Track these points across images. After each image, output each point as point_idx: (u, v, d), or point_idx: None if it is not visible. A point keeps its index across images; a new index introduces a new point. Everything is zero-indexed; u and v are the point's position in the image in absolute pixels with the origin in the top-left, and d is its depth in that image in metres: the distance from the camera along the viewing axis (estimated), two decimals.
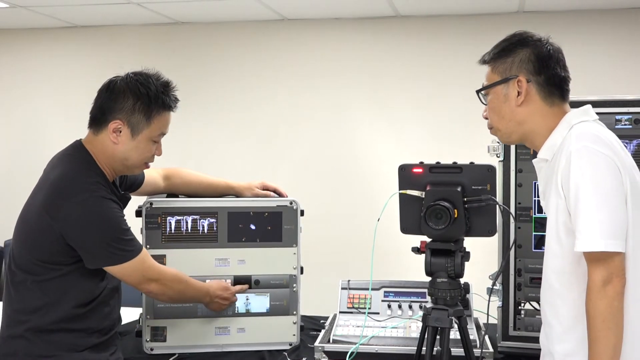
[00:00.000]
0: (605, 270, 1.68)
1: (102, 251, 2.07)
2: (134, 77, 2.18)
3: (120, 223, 2.10)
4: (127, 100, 2.13)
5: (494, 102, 1.93)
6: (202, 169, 2.73)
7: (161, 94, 2.17)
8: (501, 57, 1.91)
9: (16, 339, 2.09)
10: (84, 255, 2.07)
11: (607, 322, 1.67)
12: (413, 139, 4.90)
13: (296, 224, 2.53)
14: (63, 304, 2.09)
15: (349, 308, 2.60)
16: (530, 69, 1.87)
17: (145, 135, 2.16)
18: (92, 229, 2.05)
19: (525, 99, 1.87)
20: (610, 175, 1.71)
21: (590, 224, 1.69)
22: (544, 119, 1.88)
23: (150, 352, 2.46)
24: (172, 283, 2.25)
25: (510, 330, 2.45)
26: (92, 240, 2.06)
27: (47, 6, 4.77)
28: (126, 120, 2.13)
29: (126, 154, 2.16)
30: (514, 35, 1.94)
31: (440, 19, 4.89)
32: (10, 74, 5.58)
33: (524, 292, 2.45)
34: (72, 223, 2.03)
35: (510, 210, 2.42)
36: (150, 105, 2.15)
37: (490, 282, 2.33)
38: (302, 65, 5.13)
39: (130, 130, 2.14)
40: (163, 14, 4.97)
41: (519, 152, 2.45)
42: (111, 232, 2.07)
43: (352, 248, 4.75)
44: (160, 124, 2.19)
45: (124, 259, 2.10)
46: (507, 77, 1.89)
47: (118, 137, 2.14)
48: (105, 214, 2.07)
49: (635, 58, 4.61)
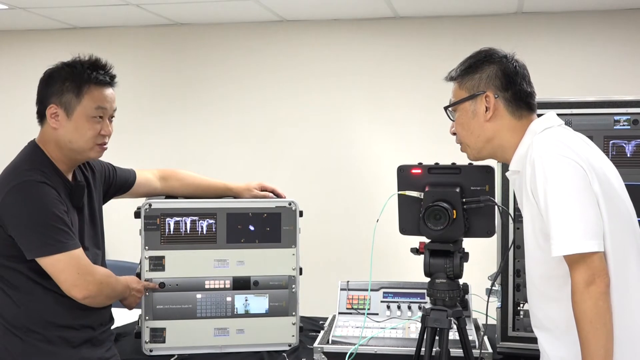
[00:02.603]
0: (586, 271, 1.68)
1: (33, 238, 2.03)
2: (63, 63, 2.21)
3: (53, 209, 2.05)
4: (56, 83, 2.16)
5: (463, 118, 1.96)
6: (200, 170, 2.73)
7: (87, 69, 2.16)
8: (468, 73, 1.94)
9: (7, 335, 2.09)
10: (20, 244, 2.05)
11: (594, 323, 1.67)
12: (412, 139, 4.90)
13: (295, 224, 2.53)
14: (51, 299, 2.10)
15: (348, 309, 2.60)
16: (498, 85, 1.90)
17: (80, 113, 2.14)
18: (24, 212, 2.03)
19: (493, 114, 1.90)
20: (576, 176, 1.72)
21: (562, 227, 1.70)
22: (513, 132, 1.90)
23: (150, 353, 2.46)
24: (107, 281, 2.18)
25: (509, 331, 2.45)
26: (23, 225, 2.04)
27: (46, 7, 4.77)
28: (58, 101, 2.14)
29: (67, 136, 2.14)
30: (480, 52, 1.97)
31: (439, 20, 4.90)
32: (8, 75, 5.58)
33: (522, 292, 2.45)
34: (7, 209, 2.03)
35: (509, 211, 2.42)
36: (77, 82, 2.14)
37: (489, 282, 2.33)
38: (301, 66, 5.13)
39: (65, 111, 2.14)
40: (162, 15, 4.97)
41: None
42: (43, 217, 2.04)
43: (351, 249, 4.76)
44: (92, 98, 2.15)
45: (55, 249, 2.04)
46: (475, 93, 1.92)
47: (56, 121, 2.14)
48: (37, 198, 2.04)
49: (633, 59, 4.61)
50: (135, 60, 5.34)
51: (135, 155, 4.39)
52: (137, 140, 5.18)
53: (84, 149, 2.17)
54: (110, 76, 2.22)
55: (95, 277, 2.12)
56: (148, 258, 2.46)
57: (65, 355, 2.10)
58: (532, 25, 4.69)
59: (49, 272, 2.07)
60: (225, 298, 2.50)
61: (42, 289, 2.09)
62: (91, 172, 2.33)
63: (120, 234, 3.52)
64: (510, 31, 4.71)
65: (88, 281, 2.09)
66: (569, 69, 4.62)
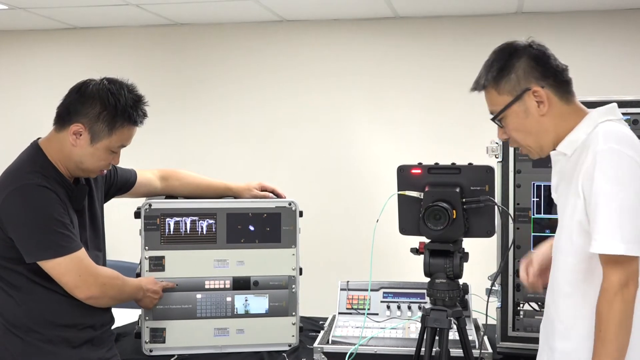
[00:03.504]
0: (623, 274, 1.66)
1: (33, 241, 2.03)
2: (107, 84, 2.14)
3: (54, 213, 2.04)
4: (94, 107, 2.11)
5: (515, 121, 1.85)
6: (200, 170, 2.73)
7: (129, 108, 2.13)
8: (502, 76, 1.84)
9: (8, 335, 2.09)
10: (19, 247, 2.04)
11: (622, 324, 1.67)
12: (412, 139, 4.90)
13: (295, 225, 2.53)
14: (54, 300, 2.10)
15: (348, 309, 2.60)
16: (537, 76, 1.82)
17: (104, 145, 2.13)
18: (24, 216, 2.02)
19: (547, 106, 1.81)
20: (634, 179, 1.68)
21: (611, 226, 1.67)
22: (566, 118, 1.83)
23: (150, 353, 2.46)
24: (111, 283, 2.18)
25: (509, 331, 2.45)
26: (23, 228, 2.03)
27: (46, 8, 4.77)
28: (88, 126, 2.11)
29: (82, 158, 2.13)
30: (502, 50, 1.88)
31: (439, 20, 4.90)
32: (8, 75, 5.58)
33: (522, 292, 2.45)
34: (7, 212, 2.03)
35: (509, 211, 2.42)
36: (116, 117, 2.12)
37: (489, 282, 2.33)
38: (300, 66, 5.13)
39: (91, 136, 2.12)
40: (162, 15, 4.97)
41: (518, 153, 2.45)
42: (43, 221, 2.03)
43: (351, 249, 4.75)
44: (122, 136, 2.15)
45: (56, 253, 2.03)
46: (519, 93, 1.82)
47: (77, 140, 2.12)
48: (37, 201, 2.03)
49: (633, 59, 4.61)
50: (135, 60, 5.34)
51: (135, 155, 4.36)
52: (137, 140, 5.10)
53: (90, 171, 2.19)
54: (145, 116, 2.21)
55: (98, 279, 2.12)
56: (148, 258, 2.46)
57: (65, 355, 2.10)
58: (532, 25, 4.69)
59: (51, 274, 2.06)
60: (225, 298, 2.50)
61: (43, 289, 2.09)
62: None
63: (120, 234, 3.52)
64: (510, 31, 4.68)
65: (90, 282, 2.09)
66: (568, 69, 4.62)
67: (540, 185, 2.43)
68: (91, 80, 2.17)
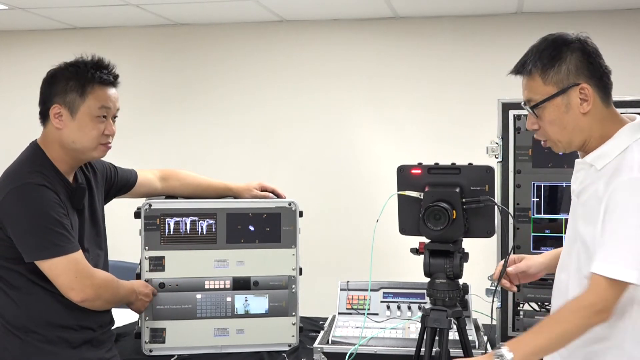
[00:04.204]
0: (607, 299, 1.66)
1: (31, 241, 2.03)
2: (65, 62, 2.21)
3: (52, 212, 2.04)
4: (59, 83, 2.15)
5: (553, 114, 1.79)
6: (200, 170, 2.73)
7: (90, 69, 2.15)
8: (552, 66, 1.78)
9: (8, 335, 2.08)
10: (18, 247, 2.04)
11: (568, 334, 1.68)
12: (412, 140, 4.90)
13: (295, 225, 2.53)
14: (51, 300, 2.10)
15: (348, 309, 2.60)
16: (587, 73, 1.77)
17: (84, 113, 2.13)
18: (22, 215, 2.03)
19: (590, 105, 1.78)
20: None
21: (627, 253, 1.65)
22: (602, 123, 1.80)
23: (150, 353, 2.46)
24: (106, 285, 2.17)
25: (509, 331, 2.46)
26: (22, 228, 2.03)
27: (46, 8, 4.76)
28: (62, 101, 2.13)
29: (71, 136, 2.13)
30: (555, 40, 1.81)
31: (438, 20, 4.90)
32: (8, 75, 5.58)
33: (522, 292, 2.45)
34: (6, 211, 2.03)
35: (509, 211, 2.42)
36: (80, 81, 2.13)
37: (489, 283, 2.33)
38: (300, 66, 5.13)
39: (69, 110, 2.13)
40: (161, 15, 4.97)
41: (518, 153, 2.45)
42: (41, 220, 2.03)
43: (351, 249, 4.75)
44: (96, 98, 2.14)
45: (53, 253, 2.03)
46: (567, 86, 1.77)
47: (60, 121, 2.13)
48: (36, 201, 2.04)
49: (633, 59, 4.61)
50: (135, 60, 5.34)
51: (135, 155, 4.38)
52: (137, 140, 5.17)
53: (87, 148, 2.16)
54: (113, 76, 2.21)
55: (94, 281, 2.12)
56: (148, 258, 2.46)
57: (65, 356, 2.11)
58: (532, 25, 4.68)
59: (47, 275, 2.06)
60: (225, 298, 2.50)
61: (42, 289, 2.09)
62: (92, 172, 2.33)
63: (120, 234, 3.51)
64: (510, 31, 4.70)
65: (85, 284, 2.09)
66: None
67: (540, 185, 2.43)
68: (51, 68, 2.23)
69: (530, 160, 2.44)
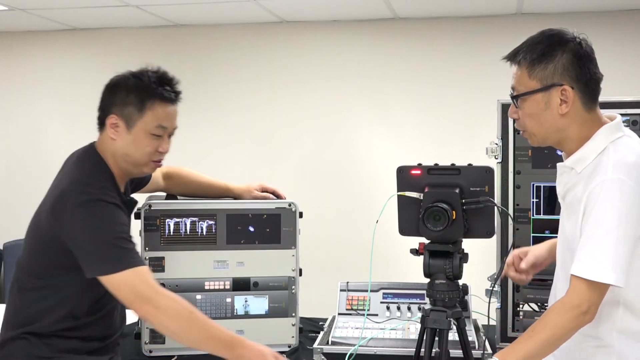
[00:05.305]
0: (590, 300, 1.68)
1: (95, 257, 1.97)
2: (130, 72, 2.16)
3: (117, 228, 2.00)
4: (120, 94, 2.10)
5: (533, 108, 1.82)
6: (200, 171, 2.72)
7: (153, 84, 2.11)
8: (540, 62, 1.79)
9: (16, 340, 2.07)
10: (81, 262, 1.99)
11: (554, 338, 1.70)
12: (411, 140, 4.91)
13: (295, 225, 2.53)
14: (65, 311, 2.06)
15: (348, 310, 2.60)
16: (573, 76, 1.78)
17: (141, 128, 2.08)
18: (89, 233, 1.97)
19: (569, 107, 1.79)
20: (635, 215, 1.69)
21: (604, 255, 1.67)
22: (582, 126, 1.82)
23: (149, 354, 2.46)
24: (172, 312, 1.95)
25: (509, 331, 2.46)
26: (87, 243, 1.98)
27: (46, 9, 4.77)
28: (120, 113, 2.09)
29: (125, 149, 2.09)
30: (551, 35, 1.82)
31: (438, 21, 4.90)
32: (9, 76, 5.58)
33: (522, 293, 2.45)
34: (72, 227, 1.98)
35: (509, 211, 2.42)
36: (141, 95, 2.09)
37: (489, 283, 2.33)
38: (300, 67, 5.13)
39: (125, 123, 2.08)
40: (162, 16, 4.98)
41: (517, 154, 2.45)
42: (106, 236, 1.97)
43: (350, 250, 4.76)
44: (156, 115, 2.09)
45: (115, 268, 1.95)
46: (549, 85, 1.79)
47: (116, 132, 2.09)
48: (102, 218, 1.99)
49: (632, 60, 4.62)
50: (135, 61, 5.26)
51: None
52: None
53: (139, 163, 2.12)
54: (175, 93, 2.16)
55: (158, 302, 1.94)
56: (148, 259, 2.46)
57: None
58: (531, 26, 4.61)
59: (108, 289, 1.99)
60: (225, 299, 2.50)
61: (73, 303, 2.06)
62: None
63: None
64: (510, 32, 4.70)
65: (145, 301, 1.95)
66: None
67: (540, 186, 2.44)
68: (116, 75, 2.18)
69: (529, 161, 2.44)
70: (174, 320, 1.95)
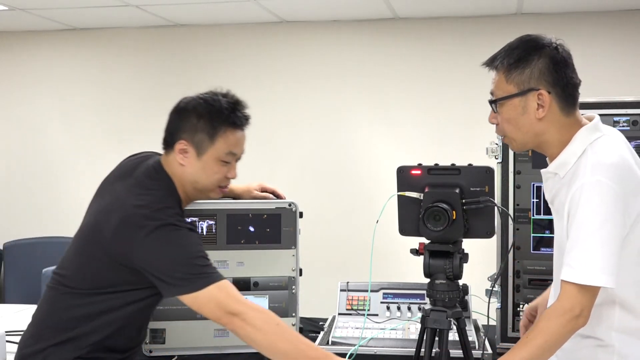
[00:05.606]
0: (581, 304, 1.68)
1: (175, 278, 1.92)
2: (200, 95, 2.10)
3: (193, 248, 1.96)
4: (190, 119, 2.05)
5: (510, 113, 1.84)
6: None
7: (225, 110, 2.06)
8: (517, 67, 1.81)
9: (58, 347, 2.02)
10: (158, 284, 1.94)
11: (549, 344, 1.70)
12: (411, 140, 4.91)
13: (295, 225, 2.53)
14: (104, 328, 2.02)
15: (348, 310, 2.60)
16: (550, 81, 1.80)
17: (211, 155, 2.05)
18: (166, 256, 1.92)
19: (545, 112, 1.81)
20: (617, 214, 1.70)
21: (591, 257, 1.68)
22: (560, 130, 1.83)
23: (150, 354, 2.47)
24: (260, 323, 1.91)
25: (509, 331, 2.46)
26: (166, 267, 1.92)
27: (46, 9, 4.77)
28: (190, 139, 2.04)
29: (194, 176, 2.06)
30: (528, 41, 1.85)
31: (438, 21, 4.90)
32: (9, 76, 5.58)
33: (522, 293, 2.45)
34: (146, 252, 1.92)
35: (509, 211, 2.42)
36: (213, 123, 2.04)
37: (489, 283, 2.33)
38: (300, 67, 5.13)
39: (196, 150, 2.04)
40: (162, 16, 4.98)
41: (518, 154, 2.45)
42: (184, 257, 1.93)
43: (350, 250, 4.75)
44: (227, 142, 2.06)
45: (197, 286, 1.90)
46: (526, 90, 1.81)
47: (185, 158, 2.05)
48: (180, 241, 1.94)
49: (633, 60, 4.61)
50: (135, 61, 5.35)
51: None
52: (138, 141, 5.14)
53: (207, 189, 2.10)
54: (246, 118, 2.14)
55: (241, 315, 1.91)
56: None
57: None
58: (531, 26, 4.65)
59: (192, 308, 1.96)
60: None
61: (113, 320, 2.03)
62: None
63: None
64: (510, 32, 4.66)
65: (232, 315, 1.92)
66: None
67: (540, 186, 2.43)
68: (185, 97, 2.13)
69: (530, 161, 2.45)
70: (261, 332, 1.91)
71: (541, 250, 2.41)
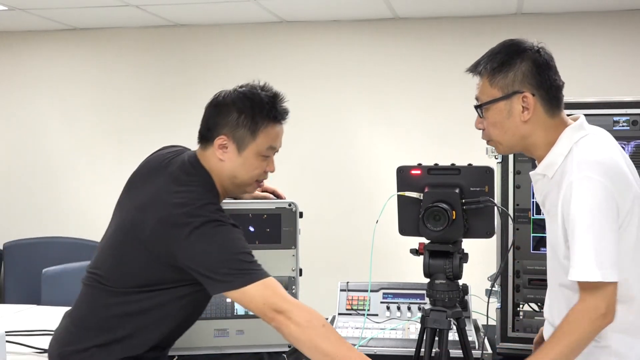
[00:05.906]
0: (602, 301, 1.69)
1: (222, 273, 1.91)
2: (239, 89, 2.09)
3: (238, 243, 1.95)
4: (231, 114, 2.04)
5: (496, 117, 1.87)
6: None
7: (266, 105, 2.05)
8: (500, 71, 1.84)
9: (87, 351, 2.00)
10: (203, 281, 1.93)
11: (581, 345, 1.71)
12: (411, 140, 4.91)
13: (295, 225, 2.53)
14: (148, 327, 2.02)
15: (348, 310, 2.61)
16: (533, 83, 1.82)
17: (253, 150, 2.04)
18: (211, 253, 1.91)
19: (530, 114, 1.83)
20: (609, 207, 1.71)
21: (587, 254, 1.69)
22: (546, 132, 1.85)
23: None
24: (305, 322, 1.89)
25: (509, 331, 2.46)
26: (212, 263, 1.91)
27: (46, 9, 4.77)
28: (231, 135, 2.03)
29: (234, 171, 2.05)
30: (510, 45, 1.87)
31: (438, 21, 4.90)
32: (9, 76, 5.58)
33: (522, 293, 2.45)
34: (191, 250, 1.91)
35: (509, 211, 2.42)
36: (255, 118, 2.03)
37: (489, 283, 2.33)
38: (300, 67, 5.13)
39: (236, 145, 2.03)
40: (162, 16, 4.98)
41: (517, 154, 2.45)
42: (230, 252, 1.92)
43: (350, 250, 4.75)
44: (267, 137, 2.06)
45: (245, 281, 1.89)
46: (511, 93, 1.83)
47: (224, 153, 2.04)
48: (224, 237, 1.93)
49: (632, 60, 4.61)
50: (134, 61, 5.35)
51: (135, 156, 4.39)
52: (137, 141, 5.18)
53: (245, 184, 2.10)
54: (286, 112, 2.13)
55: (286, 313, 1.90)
56: None
57: None
58: (531, 26, 4.69)
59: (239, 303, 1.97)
60: (225, 299, 2.50)
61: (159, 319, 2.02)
62: None
63: None
64: (510, 32, 4.66)
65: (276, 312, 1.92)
66: (568, 69, 4.55)
67: None
68: (222, 91, 2.12)
69: (529, 161, 2.44)
70: (305, 332, 1.90)
71: (541, 250, 2.41)
